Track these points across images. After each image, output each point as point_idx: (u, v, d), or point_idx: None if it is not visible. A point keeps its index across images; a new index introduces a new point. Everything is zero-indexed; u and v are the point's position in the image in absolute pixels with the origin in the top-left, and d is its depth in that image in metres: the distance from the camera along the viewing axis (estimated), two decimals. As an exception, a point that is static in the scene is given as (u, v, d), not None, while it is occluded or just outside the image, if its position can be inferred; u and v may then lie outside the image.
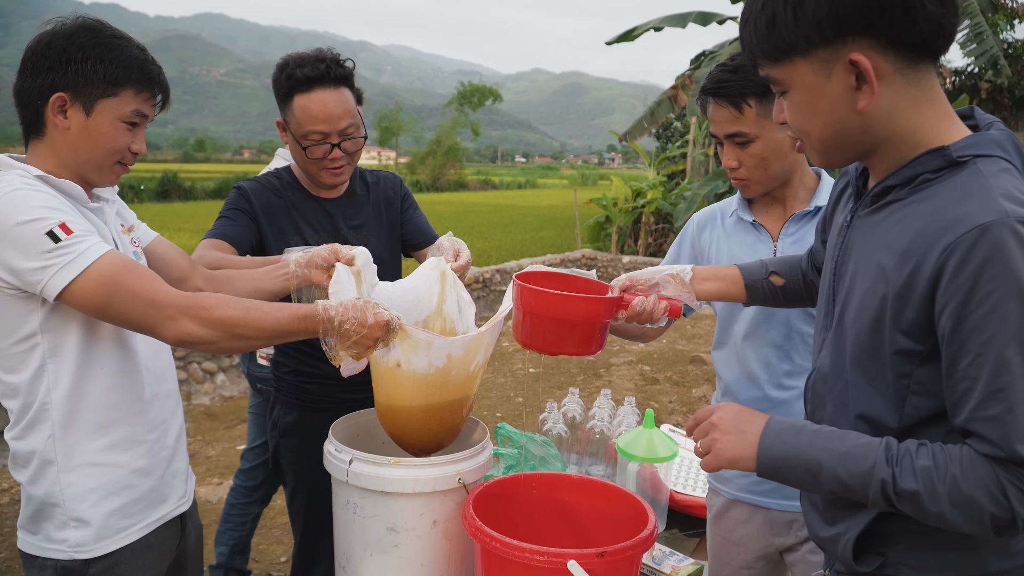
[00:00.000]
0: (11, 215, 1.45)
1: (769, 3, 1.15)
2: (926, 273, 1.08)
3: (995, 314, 1.02)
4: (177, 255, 1.89)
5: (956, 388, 1.08)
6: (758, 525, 2.00)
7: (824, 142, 1.21)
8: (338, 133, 2.19)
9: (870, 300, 1.18)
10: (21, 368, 1.56)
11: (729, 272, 1.70)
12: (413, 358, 1.63)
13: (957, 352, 1.06)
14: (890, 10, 1.07)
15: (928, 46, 1.11)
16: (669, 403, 6.24)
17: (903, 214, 1.16)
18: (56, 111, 1.57)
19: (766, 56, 1.19)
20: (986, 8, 12.36)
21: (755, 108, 1.79)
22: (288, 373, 2.42)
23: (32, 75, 1.57)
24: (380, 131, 60.86)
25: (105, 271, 1.48)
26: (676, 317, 1.66)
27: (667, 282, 1.66)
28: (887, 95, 1.13)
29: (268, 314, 1.56)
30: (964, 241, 1.04)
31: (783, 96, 1.23)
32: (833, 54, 1.12)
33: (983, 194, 1.06)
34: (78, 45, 1.56)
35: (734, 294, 1.70)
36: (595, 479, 1.73)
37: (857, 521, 1.26)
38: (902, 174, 1.17)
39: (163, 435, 1.75)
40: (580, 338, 1.57)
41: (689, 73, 13.87)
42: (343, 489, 1.67)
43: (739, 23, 1.22)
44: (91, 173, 1.64)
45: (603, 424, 2.55)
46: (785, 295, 1.68)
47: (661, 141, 23.24)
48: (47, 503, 1.59)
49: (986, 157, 1.12)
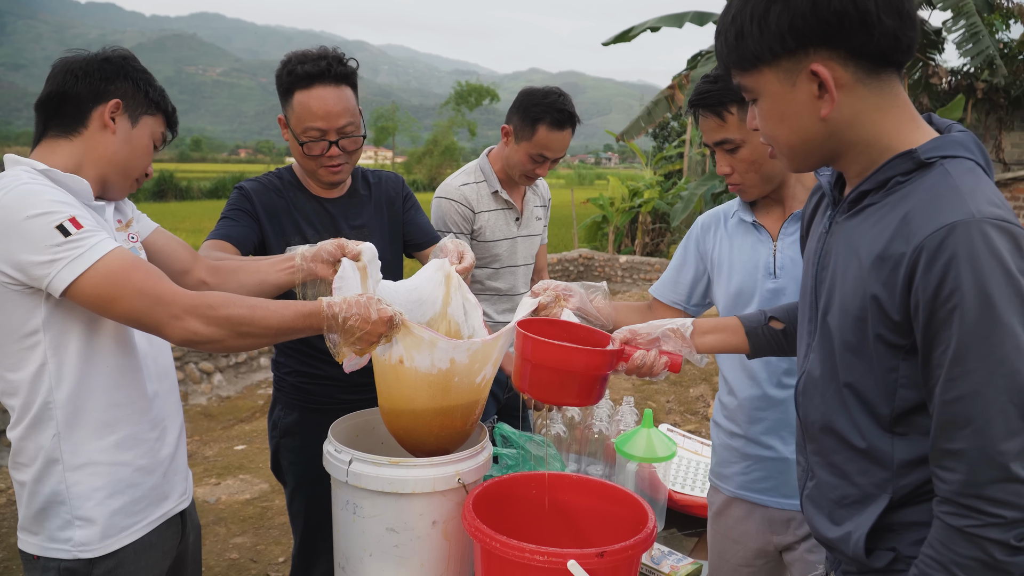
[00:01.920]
0: (20, 209, 1.45)
1: (738, 16, 1.23)
2: (901, 272, 1.14)
3: (959, 308, 1.08)
4: (178, 247, 1.89)
5: (931, 376, 1.14)
6: (756, 523, 2.01)
7: (791, 147, 1.28)
8: (336, 131, 2.19)
9: (852, 300, 1.23)
10: (22, 366, 1.56)
11: (729, 323, 1.71)
12: (416, 355, 1.63)
13: (930, 342, 1.13)
14: (848, 23, 1.14)
15: (887, 57, 1.18)
16: (667, 402, 6.25)
17: (878, 216, 1.22)
18: (110, 114, 1.66)
19: (736, 66, 1.27)
20: (982, 8, 12.37)
21: (737, 115, 1.85)
22: (288, 374, 2.42)
23: (86, 81, 1.65)
24: (376, 131, 60.86)
25: (113, 267, 1.48)
26: (676, 372, 1.66)
27: (668, 337, 1.66)
28: (849, 103, 1.20)
29: (274, 312, 1.57)
30: (933, 240, 1.10)
31: (754, 103, 1.30)
32: (796, 64, 1.19)
33: (950, 194, 1.12)
34: (133, 67, 1.72)
35: (736, 345, 1.71)
36: (594, 479, 1.74)
37: (864, 519, 1.27)
38: (875, 178, 1.23)
39: (164, 433, 1.75)
40: (580, 389, 1.59)
41: (686, 73, 13.87)
42: (343, 489, 1.67)
43: (715, 34, 1.30)
44: (118, 180, 1.70)
45: (601, 424, 2.56)
46: (787, 339, 1.68)
47: (658, 141, 23.25)
48: (53, 501, 1.59)
49: (952, 158, 1.18)
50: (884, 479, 1.25)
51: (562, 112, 2.71)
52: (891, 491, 1.25)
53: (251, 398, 6.66)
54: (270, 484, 4.64)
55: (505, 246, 2.93)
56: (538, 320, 1.75)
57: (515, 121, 2.80)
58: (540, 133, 2.72)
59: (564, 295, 1.85)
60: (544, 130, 2.72)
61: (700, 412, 6.01)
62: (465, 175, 2.96)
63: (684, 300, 2.13)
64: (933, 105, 13.89)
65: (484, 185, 2.93)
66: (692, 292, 2.12)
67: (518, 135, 2.79)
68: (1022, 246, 1.09)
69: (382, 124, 61.20)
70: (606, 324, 1.90)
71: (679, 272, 2.14)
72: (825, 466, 1.35)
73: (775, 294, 1.92)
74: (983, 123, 14.49)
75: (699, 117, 1.93)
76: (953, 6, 11.72)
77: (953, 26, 11.76)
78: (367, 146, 16.19)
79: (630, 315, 2.08)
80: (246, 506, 4.41)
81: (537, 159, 2.78)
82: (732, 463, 2.03)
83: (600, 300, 1.91)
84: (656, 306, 2.15)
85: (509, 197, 2.94)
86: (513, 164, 2.85)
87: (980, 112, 14.39)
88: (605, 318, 1.91)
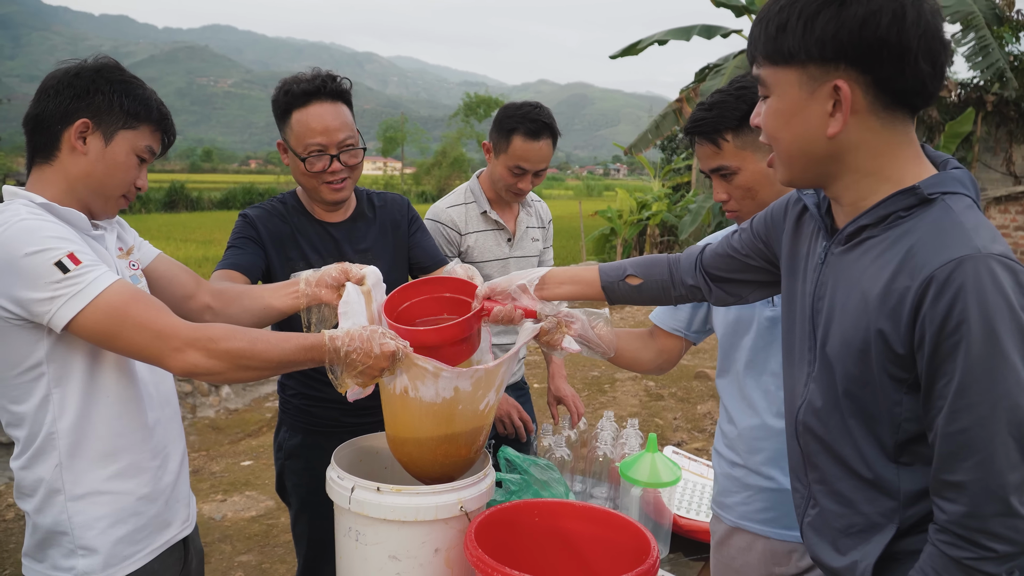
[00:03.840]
0: (19, 246, 1.45)
1: (786, 9, 1.22)
2: (907, 305, 1.15)
3: (964, 341, 1.09)
4: (181, 272, 1.89)
5: (932, 407, 1.15)
6: (759, 554, 2.00)
7: (790, 155, 1.28)
8: (336, 145, 2.21)
9: (854, 334, 1.24)
10: (26, 398, 1.56)
11: (586, 275, 1.79)
12: (420, 386, 1.63)
13: (934, 374, 1.14)
14: (886, 52, 1.16)
15: (907, 99, 1.20)
16: (674, 420, 6.23)
17: (879, 250, 1.23)
18: (77, 135, 1.61)
19: (767, 57, 1.26)
20: (991, 20, 12.36)
21: (732, 141, 1.85)
22: (293, 396, 2.42)
23: (55, 100, 1.61)
24: (385, 142, 61.01)
25: (113, 301, 1.48)
26: (534, 319, 1.78)
27: (517, 292, 1.77)
28: (858, 130, 1.22)
29: (275, 345, 1.57)
30: (941, 274, 1.11)
31: (764, 100, 1.30)
32: (823, 74, 1.20)
33: (955, 229, 1.14)
34: (105, 78, 1.64)
35: (590, 295, 1.80)
36: (597, 507, 1.73)
37: (871, 548, 1.27)
38: (875, 213, 1.24)
39: (166, 460, 1.75)
40: (458, 351, 1.76)
41: (694, 86, 13.89)
42: (345, 516, 1.67)
43: (753, 21, 1.30)
44: (97, 202, 1.66)
45: (606, 447, 2.55)
46: (642, 294, 1.76)
47: (666, 153, 23.24)
48: (54, 531, 1.60)
49: (952, 194, 1.20)
50: (891, 509, 1.26)
51: (536, 122, 2.69)
52: (898, 521, 1.25)
53: (259, 411, 6.67)
54: (276, 501, 4.64)
55: (496, 267, 2.91)
56: (405, 288, 1.86)
57: (493, 135, 2.81)
58: (515, 144, 2.71)
59: (566, 321, 1.86)
60: (519, 140, 2.70)
61: (707, 430, 5.99)
62: (454, 196, 2.97)
63: (684, 327, 2.12)
64: (943, 118, 13.86)
65: (473, 206, 2.92)
66: (692, 319, 2.12)
67: (496, 149, 2.79)
68: (1022, 282, 1.11)
69: (391, 135, 61.35)
70: (607, 352, 1.91)
71: None
72: (829, 494, 1.35)
73: (773, 322, 1.91)
74: (993, 136, 14.44)
75: (695, 144, 1.93)
76: (963, 19, 11.72)
77: (963, 39, 11.74)
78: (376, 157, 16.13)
79: (632, 342, 2.08)
80: (252, 523, 4.41)
81: (516, 171, 2.75)
82: (733, 492, 2.02)
83: (602, 327, 1.91)
84: (657, 333, 2.15)
85: (499, 218, 2.93)
86: (496, 179, 2.85)
87: (990, 125, 14.35)
88: (607, 345, 1.91)
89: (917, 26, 1.15)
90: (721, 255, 1.66)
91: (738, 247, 1.62)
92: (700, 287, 1.69)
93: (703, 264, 1.68)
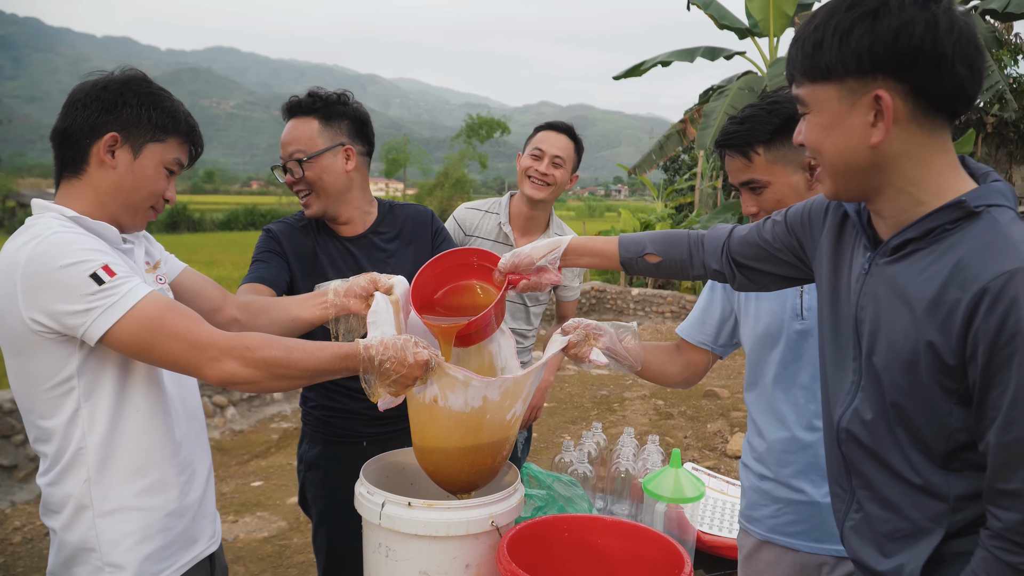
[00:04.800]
0: (54, 259, 1.45)
1: (821, 27, 1.25)
2: (959, 316, 1.16)
3: (1019, 352, 1.10)
4: (208, 286, 1.89)
5: (985, 417, 1.16)
6: (788, 567, 1.98)
7: (834, 167, 1.29)
8: (287, 158, 2.29)
9: (903, 344, 1.24)
10: (56, 412, 1.55)
11: (606, 248, 1.80)
12: (450, 395, 1.63)
13: (987, 385, 1.15)
14: (923, 61, 1.18)
15: (947, 103, 1.22)
16: (684, 438, 6.20)
17: (927, 262, 1.24)
18: (106, 150, 1.60)
19: (804, 74, 1.29)
20: (991, 43, 12.43)
21: (763, 155, 1.86)
22: (314, 407, 2.43)
23: (83, 114, 1.60)
24: (387, 163, 61.19)
25: (148, 312, 1.48)
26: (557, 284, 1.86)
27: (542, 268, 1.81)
28: (900, 138, 1.23)
29: (310, 354, 1.56)
30: (994, 286, 1.12)
31: (805, 117, 1.32)
32: (862, 86, 1.22)
33: (1004, 242, 1.16)
34: (133, 91, 1.63)
35: (609, 266, 1.82)
36: (629, 521, 1.72)
37: (919, 552, 1.28)
38: (921, 227, 1.25)
39: (193, 476, 1.74)
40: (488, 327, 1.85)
41: (698, 107, 13.94)
42: (375, 532, 1.66)
43: (791, 41, 1.32)
44: (126, 215, 1.66)
45: (628, 463, 2.53)
46: (659, 271, 1.77)
47: (669, 173, 23.31)
48: (82, 548, 1.58)
49: (997, 207, 1.21)
50: (940, 513, 1.27)
51: (557, 122, 3.16)
52: (946, 525, 1.26)
53: (265, 432, 6.64)
54: (288, 522, 4.61)
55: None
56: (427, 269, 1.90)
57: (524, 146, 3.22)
58: (539, 135, 3.12)
59: (595, 334, 1.86)
60: (542, 132, 3.12)
61: (718, 448, 5.96)
62: (480, 202, 3.23)
63: (711, 341, 2.12)
64: (944, 138, 13.90)
65: (493, 216, 3.12)
66: (719, 333, 2.11)
67: (525, 146, 3.15)
68: None
69: (393, 156, 61.57)
70: (634, 365, 1.91)
71: (706, 312, 2.14)
72: (874, 500, 1.36)
73: (802, 336, 1.91)
74: (993, 156, 14.49)
75: (725, 157, 1.95)
76: (964, 41, 11.75)
77: (964, 61, 11.79)
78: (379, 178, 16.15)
79: (658, 355, 2.08)
80: (264, 544, 4.38)
81: (535, 154, 3.07)
82: (762, 506, 2.01)
83: (630, 340, 1.91)
84: (684, 346, 2.15)
85: (513, 236, 3.08)
86: (519, 173, 3.13)
87: (990, 146, 14.39)
88: (634, 358, 1.91)
89: (951, 32, 1.17)
90: (751, 243, 1.65)
91: (769, 239, 1.62)
92: (724, 272, 1.69)
93: (730, 250, 1.68)
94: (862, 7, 1.20)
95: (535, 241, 1.84)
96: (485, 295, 1.90)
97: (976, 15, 12.72)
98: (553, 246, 1.79)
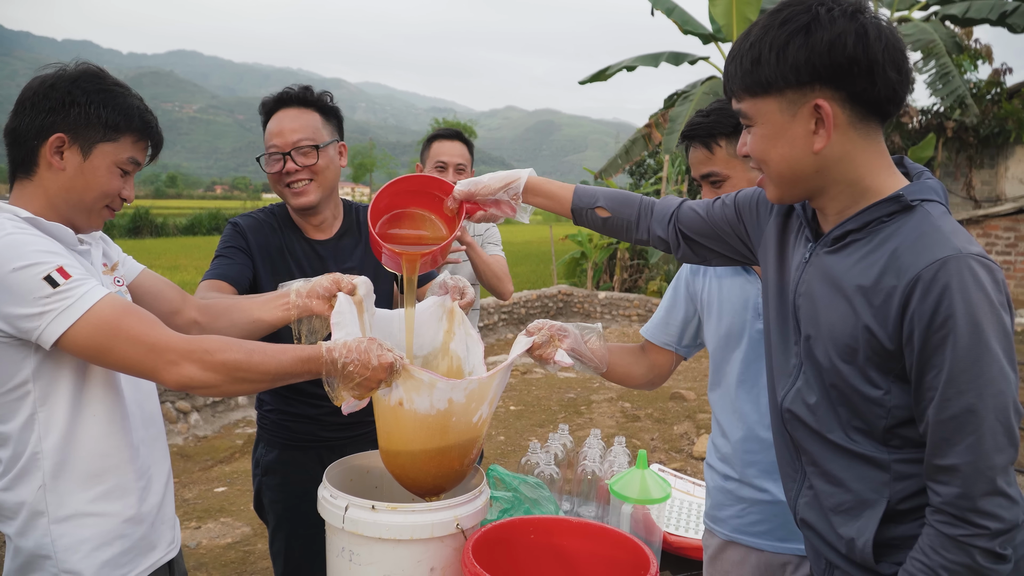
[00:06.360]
0: (6, 261, 1.42)
1: (757, 44, 1.32)
2: (895, 302, 1.25)
3: (952, 334, 1.19)
4: (166, 288, 1.86)
5: (923, 397, 1.24)
6: (752, 567, 1.99)
7: (780, 175, 1.37)
8: (289, 146, 2.24)
9: (841, 329, 1.32)
10: (11, 417, 1.52)
11: (561, 193, 1.79)
12: (415, 398, 1.61)
13: (923, 366, 1.23)
14: (857, 69, 1.26)
15: (880, 107, 1.30)
16: (651, 440, 6.22)
17: (863, 252, 1.32)
18: (53, 151, 1.56)
19: (745, 90, 1.35)
20: (952, 49, 12.69)
21: (725, 148, 1.90)
22: (270, 411, 2.39)
23: (31, 114, 1.56)
24: (354, 168, 60.95)
25: (104, 316, 1.45)
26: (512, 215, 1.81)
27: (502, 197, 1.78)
28: (840, 143, 1.31)
29: (271, 357, 1.54)
30: (927, 273, 1.21)
31: (749, 129, 1.39)
32: (801, 97, 1.30)
33: (936, 233, 1.25)
34: (82, 89, 1.57)
35: (560, 212, 1.83)
36: (594, 523, 1.72)
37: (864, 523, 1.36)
38: (860, 218, 1.33)
39: (151, 481, 1.71)
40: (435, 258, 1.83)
41: (663, 112, 14.06)
42: (338, 536, 1.64)
43: (727, 58, 1.39)
44: (79, 216, 1.62)
45: (594, 465, 2.53)
46: (606, 227, 1.78)
47: (635, 178, 23.42)
48: (37, 555, 1.55)
49: (929, 202, 1.30)
50: (882, 483, 1.33)
51: (448, 130, 3.42)
52: (888, 495, 1.33)
53: (229, 438, 6.55)
54: (252, 527, 4.55)
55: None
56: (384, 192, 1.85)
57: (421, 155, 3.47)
58: (435, 146, 3.36)
59: (559, 335, 1.86)
60: (437, 143, 3.36)
61: (685, 450, 5.99)
62: None
63: (675, 341, 2.13)
64: (904, 143, 14.14)
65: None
66: (683, 333, 2.12)
67: (423, 159, 3.42)
68: (999, 280, 1.22)
69: (360, 161, 61.31)
70: (599, 366, 1.91)
71: (669, 313, 2.14)
72: (821, 475, 1.42)
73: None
74: (953, 161, 14.75)
75: (690, 150, 1.97)
76: (924, 47, 12.00)
77: (924, 67, 12.03)
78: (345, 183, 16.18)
79: (624, 357, 2.08)
80: (228, 550, 4.31)
81: (440, 166, 3.32)
82: (727, 506, 2.02)
83: (594, 341, 1.91)
84: (649, 348, 2.15)
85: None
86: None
87: (950, 150, 14.66)
88: (599, 360, 1.91)
89: (880, 40, 1.26)
90: (699, 219, 1.68)
91: (718, 219, 1.66)
92: (669, 240, 1.71)
93: (679, 220, 1.70)
94: (794, 23, 1.27)
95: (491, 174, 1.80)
96: (431, 227, 1.90)
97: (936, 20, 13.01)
98: (511, 178, 1.77)
